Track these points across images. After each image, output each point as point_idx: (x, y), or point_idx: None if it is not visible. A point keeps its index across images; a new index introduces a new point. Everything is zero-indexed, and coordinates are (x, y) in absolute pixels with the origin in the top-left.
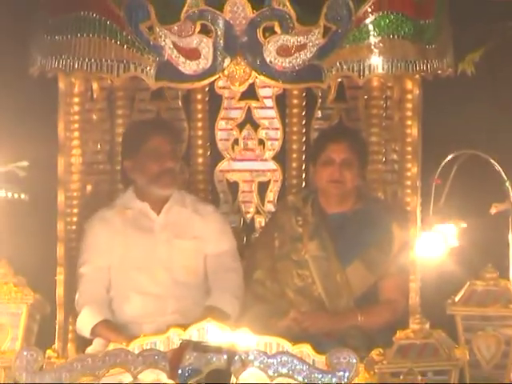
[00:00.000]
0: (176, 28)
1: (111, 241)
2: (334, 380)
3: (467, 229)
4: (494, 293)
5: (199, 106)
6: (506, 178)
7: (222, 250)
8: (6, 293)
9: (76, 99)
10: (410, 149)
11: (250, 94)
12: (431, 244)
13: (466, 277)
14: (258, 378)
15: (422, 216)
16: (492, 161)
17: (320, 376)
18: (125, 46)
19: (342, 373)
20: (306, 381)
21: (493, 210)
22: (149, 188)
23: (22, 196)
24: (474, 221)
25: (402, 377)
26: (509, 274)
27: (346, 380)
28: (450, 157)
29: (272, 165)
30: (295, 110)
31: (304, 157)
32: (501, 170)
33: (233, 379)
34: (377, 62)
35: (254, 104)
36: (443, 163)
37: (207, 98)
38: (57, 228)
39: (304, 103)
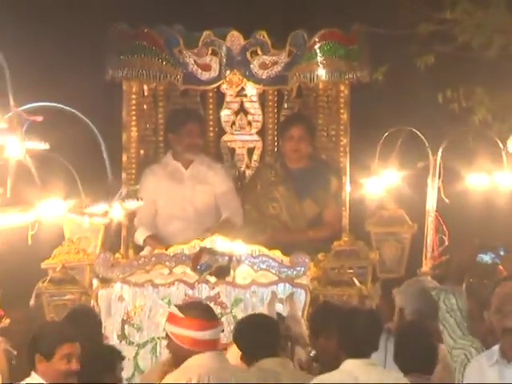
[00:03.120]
0: (196, 51)
1: (156, 185)
2: (294, 272)
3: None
4: (394, 217)
5: (210, 100)
6: (427, 144)
7: (226, 189)
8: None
9: (134, 96)
10: (342, 127)
11: (242, 92)
12: (372, 185)
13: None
14: (247, 271)
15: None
16: (418, 132)
17: (285, 270)
18: (164, 63)
19: (299, 268)
20: (277, 273)
21: (419, 165)
22: (182, 153)
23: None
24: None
25: (336, 270)
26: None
27: (302, 272)
28: (389, 131)
29: (256, 137)
30: (270, 103)
31: (276, 133)
32: (424, 139)
33: (231, 272)
34: (321, 72)
35: (244, 99)
36: (385, 135)
37: (215, 96)
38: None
39: (276, 99)
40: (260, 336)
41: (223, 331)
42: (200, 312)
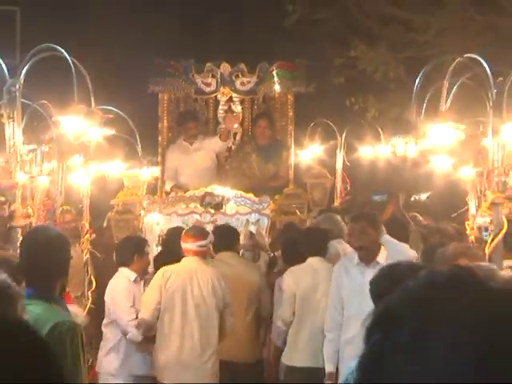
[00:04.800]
0: (202, 75)
1: (174, 157)
2: (261, 207)
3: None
4: (321, 173)
5: (211, 104)
6: (336, 130)
7: (217, 150)
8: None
9: (165, 101)
10: (289, 120)
11: (230, 99)
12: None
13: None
14: (233, 206)
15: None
16: (330, 123)
17: (256, 205)
18: (183, 82)
19: (264, 204)
20: (250, 207)
21: (332, 142)
22: (187, 138)
23: None
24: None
25: (286, 205)
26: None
27: (265, 207)
28: (314, 122)
29: (238, 126)
30: (246, 106)
31: (250, 123)
32: (334, 126)
33: (224, 206)
34: (277, 88)
35: (231, 103)
36: (311, 125)
37: (214, 101)
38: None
39: (250, 103)
40: (222, 237)
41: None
42: (189, 233)
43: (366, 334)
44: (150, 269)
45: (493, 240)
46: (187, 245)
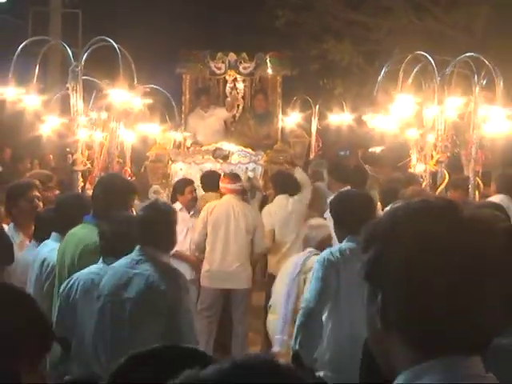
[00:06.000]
0: (215, 61)
1: (193, 121)
2: (257, 158)
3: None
4: (301, 134)
5: (221, 83)
6: (311, 101)
7: (224, 117)
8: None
9: (188, 80)
10: (278, 96)
11: (235, 79)
12: (290, 120)
13: None
14: (236, 157)
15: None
16: (308, 98)
17: (253, 157)
18: (201, 66)
19: (259, 156)
20: (249, 158)
21: (308, 112)
22: (202, 107)
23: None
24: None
25: (275, 157)
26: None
27: (260, 158)
28: (295, 98)
29: (241, 99)
30: (247, 84)
31: (250, 97)
32: (310, 100)
33: (230, 157)
34: (269, 71)
35: (236, 82)
36: (294, 99)
37: (223, 81)
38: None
39: (250, 82)
40: (208, 179)
41: (240, 185)
42: (228, 176)
43: (366, 244)
44: None
45: (437, 188)
46: (226, 185)
